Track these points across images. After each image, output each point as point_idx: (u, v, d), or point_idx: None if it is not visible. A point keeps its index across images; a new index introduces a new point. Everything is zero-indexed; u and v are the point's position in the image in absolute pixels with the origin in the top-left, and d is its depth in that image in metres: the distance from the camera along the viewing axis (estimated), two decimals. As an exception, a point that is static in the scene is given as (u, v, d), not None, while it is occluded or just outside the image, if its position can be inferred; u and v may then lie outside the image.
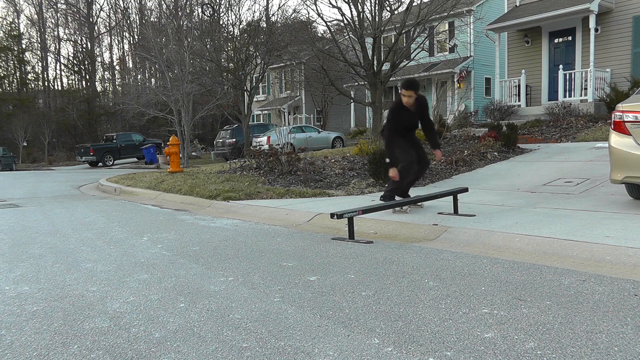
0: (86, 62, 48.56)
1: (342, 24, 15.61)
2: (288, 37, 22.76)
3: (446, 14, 14.89)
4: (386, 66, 15.25)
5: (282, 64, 28.36)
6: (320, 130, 23.44)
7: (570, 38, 16.17)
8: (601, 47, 15.09)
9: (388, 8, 14.59)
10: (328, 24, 16.31)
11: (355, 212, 4.50)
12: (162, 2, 39.63)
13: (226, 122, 30.68)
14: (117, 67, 51.43)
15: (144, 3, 49.21)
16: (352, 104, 26.20)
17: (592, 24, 14.53)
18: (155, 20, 39.37)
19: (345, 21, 14.91)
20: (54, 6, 48.31)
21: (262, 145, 17.46)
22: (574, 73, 15.16)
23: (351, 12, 14.75)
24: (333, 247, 4.22)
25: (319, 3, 53.82)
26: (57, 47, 49.43)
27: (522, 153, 10.33)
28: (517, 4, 17.21)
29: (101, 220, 6.36)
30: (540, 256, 3.58)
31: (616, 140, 4.85)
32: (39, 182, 14.77)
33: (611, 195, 5.74)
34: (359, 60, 14.73)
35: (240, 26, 24.65)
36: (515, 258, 3.56)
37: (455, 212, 5.11)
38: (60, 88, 49.48)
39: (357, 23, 14.55)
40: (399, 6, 15.16)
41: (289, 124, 30.47)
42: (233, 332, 2.37)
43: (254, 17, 30.47)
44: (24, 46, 47.32)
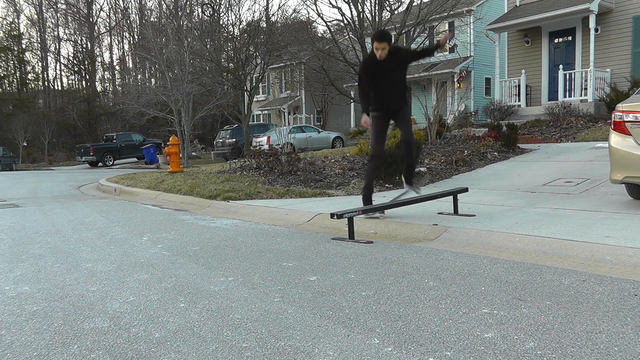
0: (86, 62, 48.58)
1: (342, 24, 15.63)
2: (288, 37, 22.77)
3: (446, 14, 14.91)
4: (386, 66, 15.23)
5: (282, 64, 28.38)
6: (320, 130, 23.44)
7: (570, 38, 16.17)
8: (601, 47, 15.09)
9: (388, 8, 14.60)
10: (328, 24, 16.34)
11: (355, 212, 4.50)
12: (162, 2, 39.64)
13: (226, 122, 30.68)
14: (117, 67, 51.47)
15: (144, 3, 49.26)
16: (352, 104, 26.21)
17: (592, 24, 14.53)
18: (155, 20, 39.36)
19: (345, 21, 14.93)
20: (54, 6, 48.36)
21: (262, 145, 17.46)
22: (574, 73, 15.16)
23: (351, 12, 14.77)
24: (333, 247, 4.22)
25: (319, 3, 53.80)
26: (57, 47, 49.51)
27: (522, 153, 10.33)
28: (517, 4, 17.21)
29: (101, 220, 6.36)
30: (540, 256, 3.58)
31: (616, 140, 4.85)
32: (39, 182, 14.77)
33: (611, 195, 5.74)
34: (359, 60, 14.73)
35: (240, 26, 24.68)
36: (515, 258, 3.55)
37: (455, 212, 5.11)
38: (60, 88, 49.51)
39: (357, 23, 14.56)
40: (399, 6, 15.19)
41: (289, 124, 30.48)
42: (233, 332, 2.37)
43: (254, 17, 30.51)
44: (24, 46, 47.35)
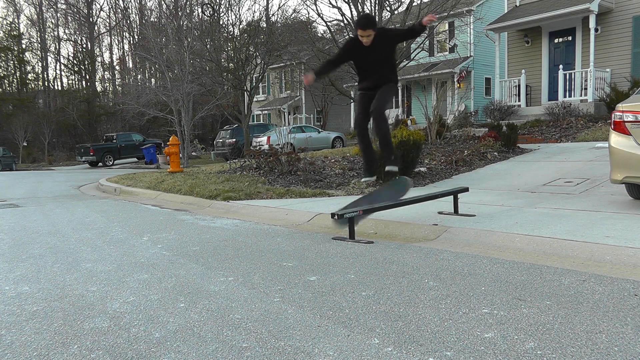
0: (86, 62, 48.59)
1: (342, 24, 15.62)
2: (288, 37, 22.77)
3: (446, 14, 14.90)
4: (386, 66, 15.23)
5: (282, 64, 28.38)
6: (320, 130, 23.44)
7: (570, 38, 16.17)
8: (601, 47, 15.09)
9: (388, 8, 14.59)
10: (328, 24, 16.33)
11: (356, 212, 4.50)
12: (162, 2, 39.62)
13: (226, 122, 30.68)
14: (117, 67, 51.48)
15: (144, 3, 49.26)
16: (352, 104, 26.19)
17: (592, 24, 14.53)
18: (155, 20, 39.37)
19: (345, 21, 14.92)
20: (54, 6, 48.37)
21: (262, 145, 17.46)
22: (574, 73, 15.16)
23: (351, 12, 14.75)
24: (333, 247, 4.22)
25: (319, 3, 53.84)
26: (57, 47, 49.51)
27: (522, 153, 10.33)
28: (517, 4, 17.21)
29: (101, 220, 6.36)
30: (540, 256, 3.58)
31: (616, 140, 4.85)
32: (38, 182, 14.77)
33: (611, 195, 5.74)
34: (359, 60, 14.70)
35: (240, 26, 24.68)
36: (515, 258, 3.55)
37: (456, 212, 5.11)
38: (60, 88, 49.51)
39: (357, 23, 14.54)
40: (399, 6, 15.17)
41: (289, 124, 30.48)
42: (233, 332, 2.37)
43: (254, 17, 30.51)
44: (24, 46, 47.36)
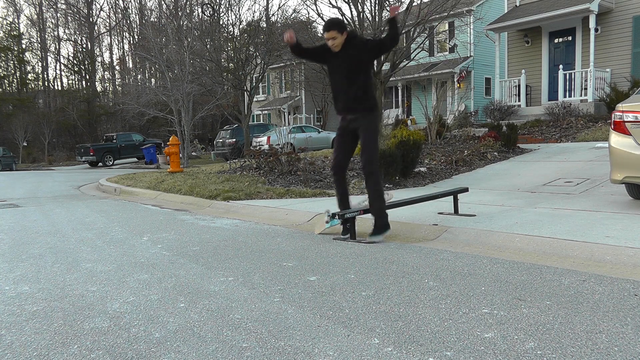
0: (86, 62, 48.58)
1: (342, 24, 15.58)
2: (288, 37, 22.72)
3: (446, 14, 14.88)
4: (386, 66, 15.24)
5: (282, 64, 28.37)
6: (320, 130, 23.43)
7: (570, 38, 16.17)
8: (601, 47, 15.09)
9: (388, 8, 14.59)
10: (328, 24, 16.29)
11: (356, 212, 4.50)
12: (162, 2, 39.62)
13: (226, 122, 30.68)
14: (117, 67, 51.47)
15: (144, 3, 49.25)
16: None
17: (592, 24, 14.53)
18: (155, 20, 39.37)
19: (345, 21, 14.91)
20: (54, 6, 48.35)
21: (262, 145, 17.46)
22: (574, 73, 15.16)
23: (351, 12, 14.74)
24: (333, 247, 4.22)
25: (319, 3, 53.80)
26: (57, 47, 49.51)
27: (522, 153, 10.33)
28: (517, 4, 17.21)
29: (101, 220, 6.36)
30: (540, 256, 3.58)
31: (616, 140, 4.85)
32: (39, 182, 14.77)
33: (611, 195, 5.74)
34: (359, 60, 14.69)
35: (240, 26, 24.69)
36: (515, 258, 3.55)
37: (456, 212, 5.11)
38: (60, 88, 49.50)
39: (357, 23, 14.54)
40: (399, 6, 15.16)
41: (289, 124, 30.47)
42: (233, 332, 2.37)
43: (254, 17, 30.50)
44: (24, 46, 47.35)
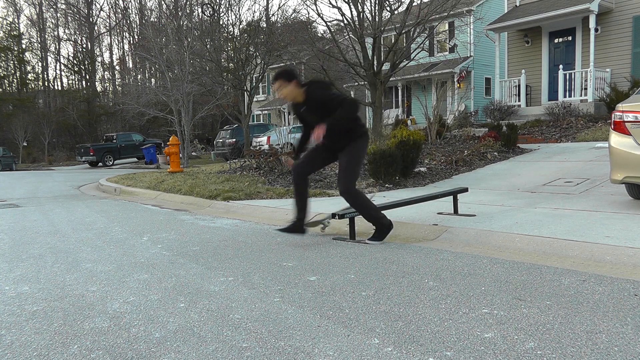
0: (86, 62, 48.57)
1: (342, 24, 15.59)
2: (288, 37, 22.74)
3: (446, 14, 14.88)
4: (386, 66, 15.25)
5: (282, 64, 28.34)
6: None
7: (570, 38, 16.17)
8: (601, 47, 15.09)
9: (388, 8, 14.59)
10: (328, 24, 16.27)
11: (355, 212, 4.49)
12: (162, 2, 39.62)
13: (226, 122, 30.68)
14: (117, 67, 51.45)
15: (144, 3, 49.25)
16: (352, 104, 26.12)
17: (592, 24, 14.53)
18: (155, 20, 39.34)
19: (345, 21, 14.90)
20: (54, 6, 48.35)
21: (262, 145, 17.46)
22: (574, 73, 15.16)
23: (351, 12, 14.75)
24: (333, 247, 4.22)
25: (319, 3, 53.76)
26: (57, 47, 49.50)
27: (522, 153, 10.33)
28: (517, 4, 17.21)
29: (101, 220, 6.36)
30: (540, 256, 3.58)
31: (616, 140, 4.85)
32: (39, 182, 14.77)
33: (611, 195, 5.74)
34: (359, 60, 14.72)
35: (240, 26, 24.68)
36: (515, 258, 3.55)
37: (456, 212, 5.11)
38: (60, 88, 49.49)
39: (357, 23, 14.54)
40: (399, 6, 15.16)
41: (289, 124, 30.46)
42: (233, 332, 2.37)
43: (254, 17, 30.51)
44: (24, 46, 47.34)
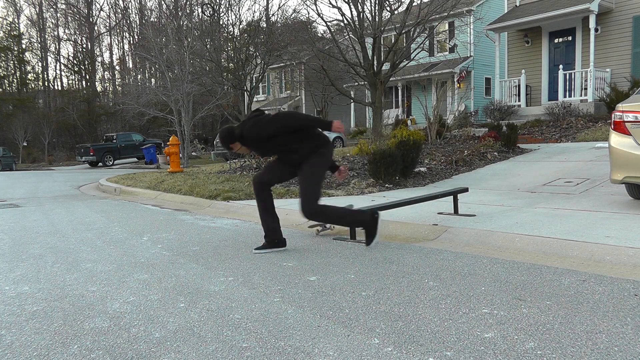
0: (86, 62, 48.57)
1: (342, 24, 15.61)
2: (288, 37, 22.76)
3: (446, 14, 14.89)
4: (386, 66, 15.26)
5: (282, 64, 28.35)
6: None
7: (570, 38, 16.17)
8: (601, 47, 15.09)
9: (388, 8, 14.59)
10: (328, 24, 16.32)
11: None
12: (162, 2, 39.63)
13: (226, 122, 30.68)
14: (117, 67, 51.45)
15: (144, 3, 49.25)
16: (352, 104, 26.18)
17: (592, 24, 14.53)
18: (155, 20, 39.33)
19: (345, 21, 14.91)
20: (54, 6, 48.35)
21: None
22: (574, 73, 15.16)
23: (351, 12, 14.75)
24: (333, 247, 4.22)
25: (319, 3, 53.81)
26: (57, 47, 49.49)
27: (522, 153, 10.33)
28: (517, 4, 17.21)
29: (101, 220, 6.36)
30: (540, 256, 3.58)
31: (616, 140, 4.85)
32: (39, 182, 14.77)
33: (611, 195, 5.74)
34: (359, 60, 14.72)
35: (240, 26, 24.71)
36: (515, 258, 3.56)
37: (456, 212, 5.11)
38: (60, 88, 49.49)
39: (357, 23, 14.54)
40: (399, 6, 15.17)
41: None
42: (233, 332, 2.37)
43: (254, 17, 30.52)
44: (24, 46, 47.34)
